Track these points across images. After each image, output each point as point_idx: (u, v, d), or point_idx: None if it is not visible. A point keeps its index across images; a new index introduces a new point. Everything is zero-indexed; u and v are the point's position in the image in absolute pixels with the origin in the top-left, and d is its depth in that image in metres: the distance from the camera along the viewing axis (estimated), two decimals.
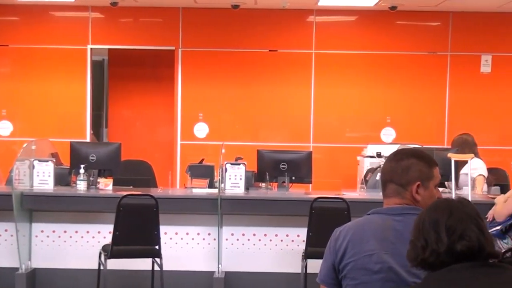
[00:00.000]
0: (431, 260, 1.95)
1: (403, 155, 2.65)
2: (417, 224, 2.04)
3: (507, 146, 7.31)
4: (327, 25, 9.10)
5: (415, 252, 2.00)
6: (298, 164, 6.64)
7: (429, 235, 1.99)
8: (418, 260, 1.99)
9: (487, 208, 5.69)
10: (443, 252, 1.95)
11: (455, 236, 1.97)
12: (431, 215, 2.03)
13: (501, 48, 8.89)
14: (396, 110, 9.01)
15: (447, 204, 2.05)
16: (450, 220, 1.99)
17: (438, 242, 1.98)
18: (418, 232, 2.02)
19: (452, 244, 1.97)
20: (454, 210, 2.02)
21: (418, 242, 2.00)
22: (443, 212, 2.02)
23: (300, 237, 6.15)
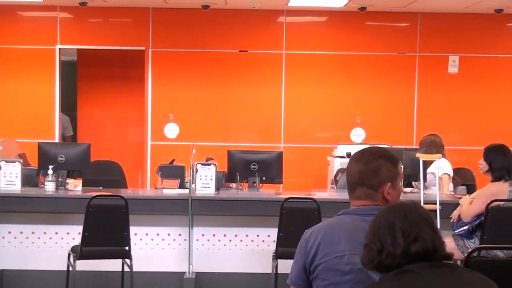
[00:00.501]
0: (387, 263, 1.97)
1: (371, 157, 2.64)
2: (372, 227, 2.05)
3: (473, 146, 7.39)
4: (297, 25, 9.13)
5: (370, 255, 2.01)
6: (269, 165, 6.65)
7: (385, 238, 2.00)
8: (374, 263, 2.00)
9: (453, 207, 5.77)
10: (399, 255, 1.97)
11: (410, 238, 1.99)
12: (386, 219, 2.04)
13: (468, 49, 8.98)
14: (365, 111, 9.06)
15: (401, 208, 2.07)
16: (405, 223, 2.01)
17: (394, 244, 1.99)
18: (373, 235, 2.03)
19: (407, 246, 1.99)
20: (409, 213, 2.04)
21: (374, 245, 2.01)
22: (398, 215, 2.04)
23: (270, 237, 6.17)
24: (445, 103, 9.02)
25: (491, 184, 5.57)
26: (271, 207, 5.89)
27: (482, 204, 5.49)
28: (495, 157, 5.56)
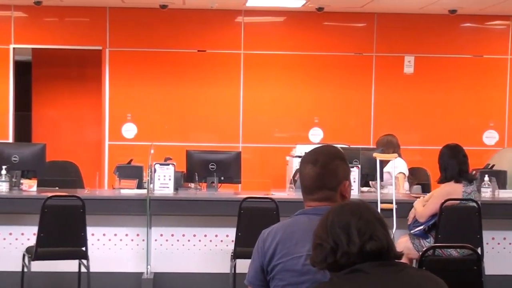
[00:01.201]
0: (342, 262, 1.98)
1: (327, 158, 2.62)
2: (324, 226, 2.05)
3: (428, 146, 7.50)
4: (255, 25, 9.14)
5: (323, 254, 2.01)
6: (227, 164, 6.65)
7: (339, 237, 2.00)
8: (326, 262, 2.01)
9: (409, 206, 5.85)
10: (354, 253, 1.98)
11: (366, 237, 2.00)
12: (340, 218, 2.04)
13: (423, 49, 9.09)
14: (323, 111, 9.12)
15: (355, 207, 2.07)
16: (360, 222, 2.02)
17: (350, 243, 1.99)
18: (326, 234, 2.03)
19: (363, 244, 1.99)
20: (363, 212, 2.05)
21: (327, 244, 2.01)
22: (353, 214, 2.04)
23: (229, 237, 6.16)
24: (401, 103, 9.13)
25: (446, 185, 5.65)
26: (230, 207, 5.89)
27: (436, 204, 5.57)
28: (447, 158, 5.65)
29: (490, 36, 9.17)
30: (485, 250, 5.75)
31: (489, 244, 6.26)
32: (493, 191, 6.34)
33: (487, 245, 6.04)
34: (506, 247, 6.45)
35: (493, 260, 6.25)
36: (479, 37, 9.14)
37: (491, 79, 9.12)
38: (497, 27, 9.18)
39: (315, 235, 2.05)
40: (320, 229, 2.04)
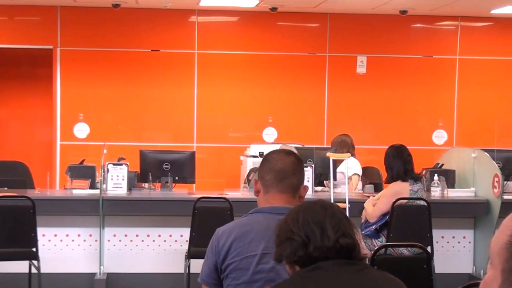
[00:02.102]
0: (316, 255, 2.01)
1: (297, 156, 2.69)
2: (295, 221, 2.07)
3: (380, 145, 7.57)
4: (209, 25, 9.13)
5: (293, 247, 2.04)
6: (182, 164, 6.63)
7: (314, 231, 2.03)
8: (296, 255, 2.04)
9: (362, 206, 5.92)
10: (329, 247, 2.02)
11: (340, 233, 2.04)
12: (313, 214, 2.08)
13: (376, 50, 9.19)
14: (277, 110, 9.15)
15: (327, 205, 2.12)
16: (334, 219, 2.06)
17: (324, 238, 2.02)
18: (298, 228, 2.05)
19: (337, 239, 2.03)
20: (335, 211, 2.10)
21: (299, 237, 2.04)
22: (326, 211, 2.08)
23: (183, 237, 6.16)
24: (354, 102, 9.22)
25: (393, 184, 5.74)
26: (184, 207, 5.89)
27: (386, 203, 5.66)
28: (392, 158, 5.75)
29: (439, 37, 9.32)
30: (435, 249, 5.85)
31: (438, 242, 6.37)
32: (442, 190, 6.46)
33: (436, 244, 6.14)
34: (455, 245, 6.57)
35: (442, 258, 6.37)
36: (429, 37, 9.28)
37: (441, 79, 9.27)
38: (446, 28, 9.34)
39: (283, 230, 2.07)
40: (291, 223, 2.06)
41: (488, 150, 6.64)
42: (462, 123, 9.22)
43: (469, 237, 6.58)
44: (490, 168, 6.33)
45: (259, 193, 2.65)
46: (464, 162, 6.79)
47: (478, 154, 6.58)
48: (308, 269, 1.98)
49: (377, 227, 5.74)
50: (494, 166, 6.30)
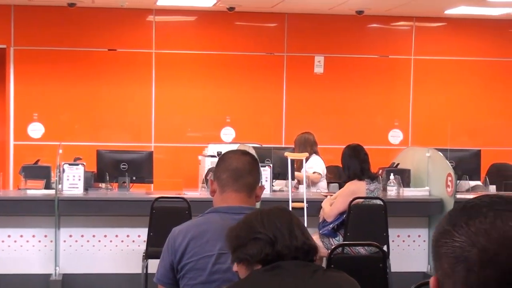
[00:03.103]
0: (285, 253, 2.05)
1: (253, 156, 2.71)
2: (259, 222, 2.12)
3: (337, 145, 7.62)
4: (167, 24, 9.09)
5: (258, 246, 2.08)
6: (139, 164, 6.61)
7: (281, 231, 2.09)
8: (262, 253, 2.07)
9: (320, 205, 5.96)
10: (295, 247, 2.06)
11: (306, 235, 2.12)
12: (278, 215, 2.14)
13: (333, 50, 9.26)
14: (235, 110, 9.16)
15: (286, 209, 2.19)
16: (299, 222, 2.14)
17: (292, 237, 2.07)
18: (264, 229, 2.10)
19: (305, 241, 2.10)
20: (293, 215, 2.18)
21: (266, 237, 2.08)
22: (292, 215, 2.15)
23: (141, 238, 6.13)
24: (312, 102, 9.27)
25: (350, 183, 5.80)
26: (141, 207, 5.86)
27: (342, 203, 5.71)
28: (349, 158, 5.81)
29: (395, 37, 9.43)
30: (391, 248, 5.92)
31: (394, 241, 6.45)
32: (398, 190, 6.54)
33: (392, 243, 6.21)
34: (410, 244, 6.66)
35: (398, 257, 6.44)
36: (385, 37, 9.38)
37: (396, 79, 9.38)
38: (402, 28, 9.45)
39: (246, 231, 2.10)
40: (256, 224, 2.10)
41: (442, 149, 6.75)
42: (417, 122, 9.35)
43: (423, 236, 6.68)
44: (443, 167, 6.43)
45: (215, 193, 2.66)
46: (419, 162, 6.89)
47: (432, 154, 6.67)
48: (267, 267, 2.02)
49: (334, 226, 5.79)
50: (447, 166, 6.40)
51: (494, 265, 1.04)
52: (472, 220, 1.08)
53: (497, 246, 1.05)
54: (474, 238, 1.06)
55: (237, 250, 2.09)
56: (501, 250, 1.05)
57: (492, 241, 1.05)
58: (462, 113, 9.36)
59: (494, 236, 1.05)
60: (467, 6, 8.44)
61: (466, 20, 9.24)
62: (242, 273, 2.10)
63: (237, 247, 2.10)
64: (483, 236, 1.06)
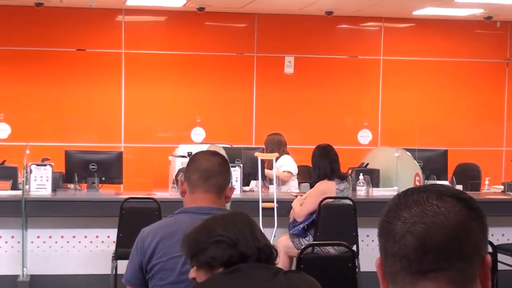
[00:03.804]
0: (248, 254, 2.06)
1: (224, 157, 2.71)
2: (221, 225, 2.13)
3: (308, 145, 7.65)
4: (136, 25, 9.05)
5: (220, 249, 2.08)
6: (109, 165, 6.57)
7: (244, 233, 2.10)
8: (226, 255, 2.08)
9: (291, 205, 5.98)
10: (260, 249, 2.08)
11: (266, 239, 2.15)
12: (240, 219, 2.15)
13: (303, 50, 9.29)
14: (206, 110, 9.14)
15: (246, 215, 2.21)
16: (257, 227, 2.17)
17: (255, 240, 2.10)
18: (225, 231, 2.10)
19: (266, 243, 2.13)
20: (252, 219, 2.21)
21: (229, 239, 2.08)
22: (249, 219, 2.19)
23: (110, 238, 6.09)
24: (282, 103, 9.29)
25: (320, 183, 5.82)
26: (111, 208, 5.83)
27: (313, 203, 5.73)
28: (319, 158, 5.84)
29: (364, 37, 9.49)
30: (360, 247, 5.96)
31: (364, 241, 6.48)
32: (367, 190, 6.58)
33: (362, 242, 6.25)
34: None
35: (367, 257, 6.47)
36: (354, 38, 9.44)
37: (366, 80, 9.44)
38: (371, 29, 9.52)
39: (207, 235, 2.10)
40: (217, 228, 2.10)
41: (410, 149, 6.81)
42: (386, 123, 9.42)
43: None
44: (411, 167, 6.48)
45: (185, 193, 2.66)
46: (387, 162, 6.94)
47: (400, 154, 6.73)
48: (228, 270, 2.03)
49: (304, 226, 5.81)
50: (415, 165, 6.46)
51: (411, 234, 1.20)
52: (400, 200, 1.24)
53: (416, 218, 1.20)
54: (400, 214, 1.23)
55: (198, 254, 2.09)
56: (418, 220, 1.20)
57: (412, 214, 1.21)
58: (430, 113, 9.45)
59: (414, 211, 1.21)
60: (435, 7, 8.53)
61: (434, 21, 9.33)
62: (201, 278, 2.11)
63: (197, 251, 2.10)
64: (405, 211, 1.22)
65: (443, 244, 1.18)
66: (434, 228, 1.19)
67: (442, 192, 1.23)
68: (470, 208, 1.22)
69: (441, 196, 1.22)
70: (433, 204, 1.21)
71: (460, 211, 1.21)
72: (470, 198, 1.24)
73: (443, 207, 1.21)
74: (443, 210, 1.20)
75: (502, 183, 7.22)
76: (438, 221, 1.19)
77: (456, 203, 1.22)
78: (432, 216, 1.20)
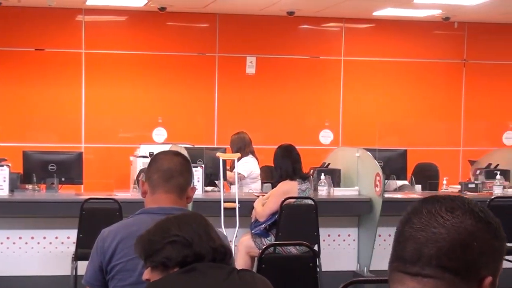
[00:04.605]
0: (204, 253, 2.08)
1: (186, 157, 2.71)
2: (175, 226, 2.15)
3: (270, 145, 7.67)
4: (96, 24, 8.98)
5: (176, 249, 2.10)
6: (68, 165, 6.52)
7: (198, 233, 2.11)
8: (180, 256, 2.09)
9: (252, 205, 5.99)
10: (214, 248, 2.10)
11: (221, 239, 2.17)
12: (195, 220, 2.17)
13: (264, 50, 9.31)
14: (167, 111, 9.11)
15: (201, 215, 2.23)
16: (212, 227, 2.19)
17: (209, 240, 2.11)
18: (180, 231, 2.12)
19: (221, 243, 2.14)
20: (207, 220, 2.24)
21: (184, 240, 2.10)
22: (204, 220, 2.20)
23: (70, 239, 6.04)
24: (244, 103, 9.30)
25: (282, 183, 5.85)
26: (71, 208, 5.79)
27: (275, 203, 5.75)
28: (281, 158, 5.87)
29: (325, 38, 9.54)
30: (321, 247, 5.99)
31: (325, 241, 6.52)
32: (329, 189, 6.62)
33: (323, 242, 6.29)
34: (340, 243, 6.75)
35: (329, 256, 6.52)
36: (316, 38, 9.49)
37: (327, 80, 9.49)
38: (332, 29, 9.57)
39: (161, 236, 2.11)
40: (172, 228, 2.11)
41: (371, 149, 6.87)
42: (347, 123, 9.48)
43: (353, 235, 6.78)
44: (372, 167, 6.54)
45: (146, 194, 2.66)
46: (348, 162, 6.99)
47: (361, 154, 6.78)
48: (183, 270, 2.05)
49: (266, 226, 5.82)
50: (376, 165, 6.52)
51: (413, 239, 1.28)
52: (419, 205, 1.31)
53: (422, 225, 1.28)
54: (411, 218, 1.30)
55: (153, 254, 2.11)
56: (422, 228, 1.28)
57: (421, 222, 1.28)
58: (390, 113, 9.54)
59: (424, 219, 1.29)
60: (394, 8, 8.62)
61: (394, 22, 9.42)
62: (151, 277, 2.12)
63: (152, 252, 2.11)
64: (417, 216, 1.30)
65: (434, 255, 1.25)
66: (431, 239, 1.26)
67: (457, 206, 1.28)
68: (486, 229, 1.27)
69: (453, 210, 1.28)
70: (442, 217, 1.27)
71: (467, 229, 1.26)
72: (490, 218, 1.29)
73: (449, 221, 1.26)
74: (449, 224, 1.26)
75: (459, 183, 7.33)
76: (438, 233, 1.26)
77: (466, 219, 1.27)
78: (435, 228, 1.26)
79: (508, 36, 9.70)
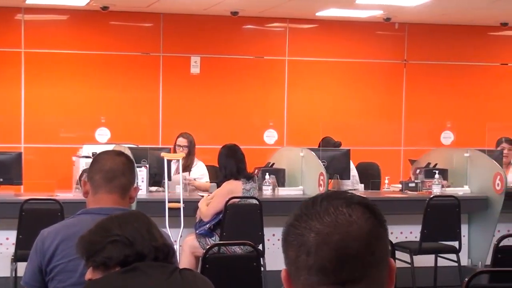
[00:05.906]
0: (145, 252, 2.08)
1: (128, 157, 2.68)
2: (116, 226, 2.14)
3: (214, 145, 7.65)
4: (37, 23, 8.82)
5: (117, 249, 2.09)
6: (7, 165, 6.42)
7: (141, 232, 2.10)
8: (121, 256, 2.08)
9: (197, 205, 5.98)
10: (157, 248, 2.09)
11: (164, 238, 2.18)
12: (137, 219, 2.16)
13: (209, 50, 9.29)
14: (110, 110, 9.01)
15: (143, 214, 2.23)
16: (155, 226, 2.19)
17: (152, 239, 2.11)
18: (121, 231, 2.11)
19: (164, 242, 2.14)
20: (150, 218, 2.24)
21: (124, 239, 2.09)
22: (148, 219, 2.20)
23: (9, 240, 5.94)
24: (189, 103, 9.26)
25: (226, 183, 5.85)
26: (10, 209, 5.71)
27: (219, 202, 5.76)
28: (225, 158, 5.88)
29: (269, 38, 9.57)
30: (266, 246, 6.01)
31: (270, 240, 6.54)
32: (273, 189, 6.65)
33: (268, 242, 6.30)
34: None
35: (273, 256, 6.54)
36: (260, 38, 9.51)
37: (272, 80, 9.52)
38: (276, 29, 9.61)
39: (102, 235, 2.10)
40: (113, 228, 2.11)
41: (314, 149, 6.92)
42: (291, 122, 9.53)
43: None
44: (316, 166, 6.59)
45: (88, 194, 2.63)
46: (293, 161, 7.03)
47: (305, 153, 6.83)
48: (124, 269, 2.04)
49: (211, 226, 5.82)
50: (319, 165, 6.57)
51: (327, 244, 1.20)
52: (309, 210, 1.24)
53: (329, 228, 1.20)
54: (311, 224, 1.22)
55: (94, 255, 2.09)
56: (333, 230, 1.20)
57: (325, 224, 1.20)
58: (333, 113, 9.63)
59: (326, 220, 1.21)
60: (337, 9, 8.71)
61: (337, 22, 9.50)
62: (93, 277, 2.11)
63: (93, 252, 2.10)
64: (317, 221, 1.22)
65: (359, 253, 1.20)
66: (349, 238, 1.20)
67: (350, 200, 1.25)
68: (376, 215, 1.25)
69: (350, 204, 1.24)
70: (344, 213, 1.22)
71: (369, 219, 1.23)
72: (374, 205, 1.27)
73: (354, 215, 1.22)
74: (354, 218, 1.22)
75: (400, 182, 7.44)
76: (352, 230, 1.21)
77: (364, 211, 1.24)
78: (346, 226, 1.21)
79: (448, 37, 9.88)
